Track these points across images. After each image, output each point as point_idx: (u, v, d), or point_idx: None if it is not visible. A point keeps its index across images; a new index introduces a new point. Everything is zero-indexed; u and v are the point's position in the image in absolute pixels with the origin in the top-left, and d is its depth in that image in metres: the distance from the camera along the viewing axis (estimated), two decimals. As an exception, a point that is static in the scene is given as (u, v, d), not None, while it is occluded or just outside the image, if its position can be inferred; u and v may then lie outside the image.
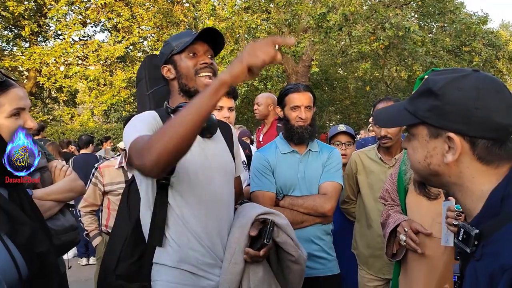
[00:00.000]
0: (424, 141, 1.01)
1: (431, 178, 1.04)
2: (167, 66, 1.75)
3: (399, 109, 1.07)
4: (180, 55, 1.71)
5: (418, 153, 1.03)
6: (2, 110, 1.51)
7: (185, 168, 1.64)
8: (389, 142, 2.68)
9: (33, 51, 14.12)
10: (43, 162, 2.12)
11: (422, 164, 1.02)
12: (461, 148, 0.94)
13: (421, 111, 0.99)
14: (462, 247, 0.96)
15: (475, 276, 0.90)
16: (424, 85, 1.01)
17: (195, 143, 1.59)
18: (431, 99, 0.97)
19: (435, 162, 1.00)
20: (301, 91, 2.44)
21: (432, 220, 1.98)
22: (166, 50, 1.76)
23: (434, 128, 0.98)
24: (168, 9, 14.39)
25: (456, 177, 0.98)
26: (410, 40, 11.67)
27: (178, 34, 1.83)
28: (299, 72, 13.17)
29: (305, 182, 2.42)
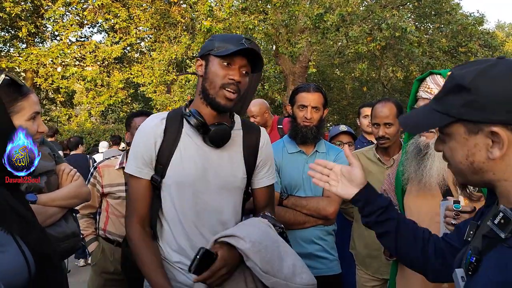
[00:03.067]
0: (462, 140, 0.95)
1: (474, 178, 0.98)
2: (201, 61, 1.69)
3: (427, 111, 1.02)
4: (215, 58, 1.63)
5: (458, 153, 0.97)
6: (23, 113, 1.61)
7: (177, 173, 1.65)
8: (387, 142, 2.69)
9: (30, 52, 14.10)
10: (51, 166, 2.08)
11: (465, 163, 0.97)
12: (507, 139, 0.89)
13: (455, 109, 0.94)
14: (495, 231, 0.91)
15: (505, 263, 0.87)
16: (450, 81, 0.96)
17: (196, 151, 1.67)
18: (463, 94, 0.92)
19: (478, 159, 0.94)
20: (311, 91, 2.45)
21: (430, 220, 1.98)
22: (207, 45, 1.68)
23: (473, 124, 0.92)
24: (165, 10, 14.38)
25: (501, 172, 0.93)
26: (406, 41, 11.71)
27: (227, 35, 1.76)
28: (296, 73, 13.18)
29: (310, 183, 2.42)
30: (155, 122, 1.69)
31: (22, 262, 1.25)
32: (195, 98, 1.74)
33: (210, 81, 1.63)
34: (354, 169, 1.48)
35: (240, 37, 1.66)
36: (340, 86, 19.54)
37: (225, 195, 1.72)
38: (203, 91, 1.66)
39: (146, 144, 1.66)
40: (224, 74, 1.61)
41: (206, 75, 1.65)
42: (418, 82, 2.04)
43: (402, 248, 1.38)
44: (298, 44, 11.80)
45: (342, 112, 20.55)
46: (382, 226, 1.40)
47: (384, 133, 2.65)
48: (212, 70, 1.63)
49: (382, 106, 2.70)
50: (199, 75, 1.69)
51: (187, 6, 14.62)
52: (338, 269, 2.48)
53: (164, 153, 1.65)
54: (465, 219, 1.75)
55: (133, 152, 1.69)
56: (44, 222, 1.88)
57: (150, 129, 1.68)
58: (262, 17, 11.78)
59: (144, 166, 1.66)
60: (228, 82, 1.61)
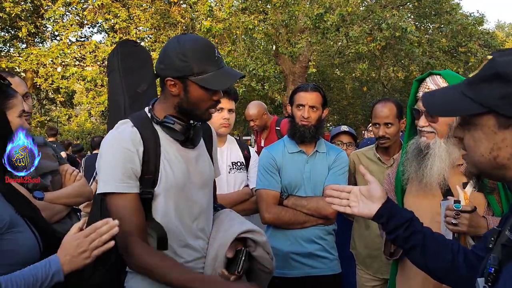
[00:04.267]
0: (490, 132, 0.90)
1: (492, 172, 0.94)
2: (176, 81, 1.55)
3: (456, 95, 0.94)
4: (197, 84, 1.54)
5: (482, 145, 0.92)
6: (15, 110, 1.78)
7: (169, 179, 1.60)
8: (388, 142, 2.69)
9: (30, 52, 14.09)
10: (55, 166, 2.17)
11: (487, 157, 0.92)
12: None
13: (490, 99, 0.88)
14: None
15: None
16: (489, 68, 0.89)
17: (178, 155, 1.63)
18: (501, 85, 0.86)
19: (503, 155, 0.90)
20: (308, 91, 2.46)
21: (430, 219, 1.98)
22: (182, 67, 1.52)
23: (506, 118, 0.87)
24: (165, 10, 14.38)
25: None
26: (406, 41, 11.71)
27: (198, 50, 1.55)
28: (296, 73, 13.18)
29: (310, 183, 2.43)
30: (128, 129, 1.57)
31: (34, 241, 1.45)
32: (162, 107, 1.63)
33: (194, 106, 1.58)
34: (372, 186, 1.45)
35: (212, 50, 1.57)
36: (340, 86, 19.53)
37: (206, 190, 1.77)
38: (183, 109, 1.60)
39: (128, 155, 1.52)
40: (208, 98, 1.58)
41: (188, 99, 1.57)
42: (418, 83, 2.04)
43: (431, 262, 1.31)
44: (298, 44, 11.79)
45: (342, 112, 20.55)
46: (409, 241, 1.34)
47: (384, 133, 2.66)
48: (195, 96, 1.57)
49: (382, 106, 2.71)
50: (174, 94, 1.58)
51: (187, 6, 14.62)
52: (338, 268, 2.48)
53: (151, 159, 1.56)
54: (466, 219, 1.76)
55: (111, 167, 1.52)
56: (51, 218, 1.96)
57: (128, 139, 1.54)
58: (262, 17, 11.78)
59: (130, 180, 1.53)
60: (213, 103, 1.62)
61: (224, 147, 2.64)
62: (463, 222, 1.76)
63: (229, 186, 2.56)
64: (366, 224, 2.81)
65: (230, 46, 12.49)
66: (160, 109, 1.64)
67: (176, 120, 1.59)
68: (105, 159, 1.54)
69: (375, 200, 1.42)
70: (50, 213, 1.96)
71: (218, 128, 2.54)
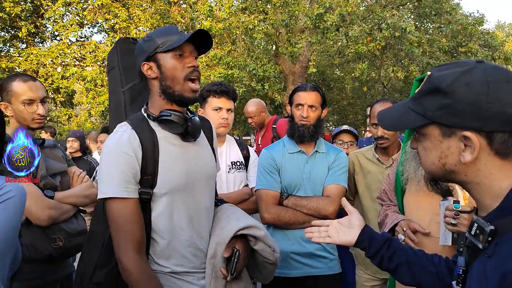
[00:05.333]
0: (437, 141, 0.96)
1: (444, 177, 1.00)
2: (149, 63, 1.60)
3: (404, 110, 1.02)
4: (166, 54, 1.58)
5: (431, 153, 0.99)
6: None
7: (168, 180, 1.59)
8: (386, 142, 2.69)
9: (30, 52, 14.08)
10: (64, 167, 2.25)
11: (437, 164, 0.98)
12: (478, 145, 0.90)
13: (431, 111, 0.95)
14: (474, 242, 0.93)
15: (484, 273, 0.87)
16: (429, 83, 0.97)
17: (178, 152, 1.62)
18: (439, 97, 0.93)
19: (450, 162, 0.96)
20: (307, 90, 2.47)
21: (430, 219, 1.99)
22: (148, 46, 1.60)
23: (447, 127, 0.93)
24: (165, 10, 14.37)
25: (473, 175, 0.95)
26: (406, 41, 11.70)
27: (161, 29, 1.66)
28: (296, 73, 13.17)
29: (310, 183, 2.43)
30: (127, 134, 1.56)
31: None
32: (153, 101, 1.65)
33: (172, 78, 1.58)
34: (352, 216, 1.50)
35: (174, 27, 1.65)
36: (340, 86, 19.53)
37: (209, 185, 1.77)
38: (165, 90, 1.60)
39: (127, 160, 1.52)
40: (182, 66, 1.58)
41: (164, 75, 1.59)
42: (418, 82, 2.05)
43: (419, 278, 1.35)
44: (298, 44, 11.79)
45: (342, 112, 20.55)
46: (393, 260, 1.38)
47: (383, 133, 2.66)
48: (169, 67, 1.58)
49: (381, 106, 2.71)
50: (152, 77, 1.61)
51: (187, 6, 14.61)
52: (338, 268, 2.49)
53: (149, 163, 1.56)
54: (465, 219, 1.76)
55: (111, 172, 1.52)
56: (60, 217, 2.02)
57: (127, 144, 1.54)
58: (262, 17, 11.77)
59: (130, 184, 1.53)
60: (189, 70, 1.59)
61: (223, 147, 2.64)
62: (462, 222, 1.76)
63: (228, 186, 2.56)
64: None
65: (230, 46, 12.49)
66: (152, 106, 1.65)
67: (171, 111, 1.59)
68: (105, 164, 1.55)
69: (355, 227, 1.47)
70: (59, 212, 2.03)
71: (217, 128, 2.54)
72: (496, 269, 0.84)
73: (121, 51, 1.91)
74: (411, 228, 1.99)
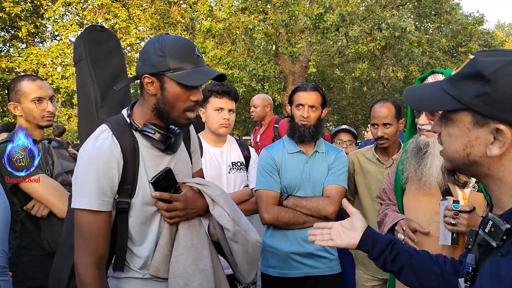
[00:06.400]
0: (465, 129, 0.92)
1: (465, 168, 0.97)
2: (152, 78, 1.50)
3: (436, 91, 0.97)
4: (173, 80, 1.49)
5: (456, 141, 0.95)
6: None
7: (147, 190, 1.55)
8: (386, 142, 2.69)
9: (30, 52, 14.09)
10: (73, 166, 2.25)
11: (460, 153, 0.94)
12: (510, 140, 0.87)
13: (467, 97, 0.90)
14: (487, 240, 0.91)
15: (497, 273, 0.86)
16: (471, 66, 0.92)
17: (156, 161, 1.58)
18: (479, 84, 0.88)
19: (475, 152, 0.92)
20: (308, 90, 2.46)
21: (429, 219, 1.99)
22: (158, 63, 1.48)
23: (481, 116, 0.89)
24: (165, 10, 14.36)
25: (496, 170, 0.92)
26: (406, 41, 11.70)
27: (177, 47, 1.51)
28: (296, 73, 13.17)
29: (310, 183, 2.43)
30: (108, 143, 1.49)
31: None
32: (142, 112, 1.58)
33: (171, 105, 1.52)
34: (354, 218, 1.48)
35: (192, 49, 1.52)
36: (340, 86, 19.54)
37: None
38: (160, 111, 1.53)
39: (107, 171, 1.46)
40: (186, 98, 1.52)
41: (164, 98, 1.51)
42: (420, 81, 2.05)
43: (425, 279, 1.33)
44: (298, 44, 11.79)
45: (342, 112, 20.55)
46: (397, 262, 1.36)
47: (383, 133, 2.66)
48: (172, 94, 1.50)
49: (381, 106, 2.71)
50: (151, 93, 1.53)
51: (187, 6, 14.61)
52: (338, 268, 2.49)
53: (129, 173, 1.50)
54: (464, 219, 1.76)
55: (88, 182, 1.45)
56: None
57: (108, 154, 1.47)
58: (262, 17, 11.77)
59: (106, 197, 1.47)
60: (191, 105, 1.54)
61: (224, 147, 2.64)
62: (461, 222, 1.76)
63: (229, 186, 2.56)
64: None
65: (230, 46, 12.48)
66: (139, 114, 1.58)
67: (156, 129, 1.53)
68: (83, 173, 1.47)
69: (357, 229, 1.45)
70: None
71: (218, 128, 2.54)
72: (510, 268, 0.82)
73: (89, 41, 1.79)
74: (411, 228, 1.99)
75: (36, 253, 2.02)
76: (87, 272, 1.44)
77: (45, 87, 2.14)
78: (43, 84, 2.14)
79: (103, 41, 1.76)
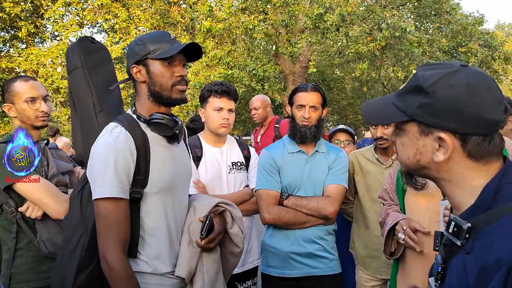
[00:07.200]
0: (414, 138, 1.00)
1: (418, 171, 1.05)
2: (138, 67, 1.66)
3: (387, 104, 1.06)
4: (155, 61, 1.63)
5: (407, 149, 1.03)
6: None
7: (159, 180, 1.65)
8: (386, 143, 2.69)
9: (30, 52, 14.09)
10: (70, 167, 2.28)
11: (411, 159, 1.03)
12: (452, 146, 0.94)
13: (411, 108, 0.98)
14: (452, 239, 0.96)
15: (464, 269, 0.90)
16: (413, 81, 1.00)
17: (165, 153, 1.70)
18: (421, 96, 0.96)
19: (424, 159, 1.00)
20: (308, 91, 2.46)
21: (430, 219, 1.99)
22: (140, 50, 1.64)
23: (425, 126, 0.97)
24: (165, 10, 14.37)
25: (445, 173, 0.99)
26: (406, 41, 11.71)
27: (154, 34, 1.71)
28: (296, 73, 13.18)
29: (310, 183, 2.43)
30: (123, 135, 1.59)
31: None
32: (142, 103, 1.70)
33: (160, 84, 1.64)
34: None
35: (167, 34, 1.69)
36: (340, 86, 19.55)
37: (187, 184, 1.88)
38: (154, 95, 1.66)
39: (124, 161, 1.56)
40: (170, 74, 1.65)
41: (152, 80, 1.65)
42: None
43: None
44: (298, 44, 11.79)
45: (342, 112, 20.57)
46: None
47: (382, 134, 2.66)
48: (157, 73, 1.64)
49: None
50: (141, 81, 1.67)
51: (187, 6, 14.61)
52: (338, 268, 2.48)
53: (142, 164, 1.61)
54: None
55: (107, 172, 1.54)
56: None
57: (124, 144, 1.57)
58: (262, 17, 11.77)
59: (124, 186, 1.57)
60: (177, 79, 1.66)
61: (224, 147, 2.64)
62: (462, 222, 1.76)
63: (229, 186, 2.56)
64: (365, 224, 2.81)
65: (230, 46, 12.49)
66: (141, 108, 1.70)
67: (164, 115, 1.66)
68: (101, 164, 1.55)
69: None
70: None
71: (217, 128, 2.54)
72: (475, 263, 0.87)
73: (84, 50, 1.91)
74: (411, 227, 1.99)
75: (33, 255, 2.01)
76: (118, 259, 1.51)
77: (37, 87, 2.11)
78: (35, 84, 2.12)
79: (95, 50, 1.88)
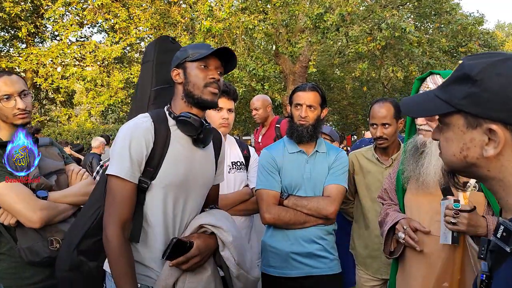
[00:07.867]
0: (460, 132, 0.93)
1: (465, 170, 0.96)
2: (178, 70, 1.79)
3: (429, 97, 0.98)
4: (193, 63, 1.75)
5: (453, 145, 0.95)
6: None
7: (168, 176, 1.70)
8: (385, 143, 2.69)
9: (30, 52, 14.11)
10: (60, 165, 2.18)
11: (458, 156, 0.94)
12: (504, 139, 0.86)
13: (456, 99, 0.91)
14: (500, 245, 0.88)
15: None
16: (459, 70, 0.93)
17: (186, 154, 1.75)
18: (467, 85, 0.89)
19: (472, 154, 0.92)
20: (306, 90, 2.47)
21: (430, 218, 1.99)
22: (181, 55, 1.79)
23: (472, 117, 0.89)
24: (165, 9, 14.38)
25: (496, 171, 0.90)
26: (406, 41, 11.71)
27: (196, 44, 1.87)
28: (297, 73, 13.18)
29: (310, 183, 2.43)
30: (145, 124, 1.70)
31: None
32: (176, 103, 1.81)
33: (193, 84, 1.74)
34: None
35: (208, 44, 1.82)
36: (340, 86, 19.55)
37: (203, 191, 1.90)
38: (187, 95, 1.76)
39: (139, 146, 1.66)
40: (204, 75, 1.75)
41: (187, 80, 1.76)
42: (419, 82, 2.05)
43: None
44: (298, 44, 11.79)
45: (342, 112, 20.57)
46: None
47: (382, 134, 2.66)
48: (193, 74, 1.75)
49: (380, 106, 2.70)
50: (178, 82, 1.79)
51: (187, 6, 14.62)
52: (338, 268, 2.48)
53: (155, 156, 1.68)
54: (465, 218, 1.76)
55: (124, 153, 1.65)
56: (56, 217, 1.97)
57: (143, 131, 1.68)
58: (262, 17, 11.77)
59: (136, 170, 1.66)
60: (210, 81, 1.75)
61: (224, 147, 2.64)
62: (462, 221, 1.76)
63: (229, 186, 2.56)
64: (365, 224, 2.81)
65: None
66: (175, 106, 1.80)
67: (191, 114, 1.74)
68: (120, 145, 1.66)
69: None
70: (53, 213, 1.94)
71: (217, 128, 2.54)
72: None
73: (160, 47, 2.03)
74: (411, 227, 1.99)
75: (16, 260, 1.92)
76: (114, 233, 1.60)
77: (11, 83, 1.97)
78: (10, 80, 1.98)
79: (170, 50, 1.95)
